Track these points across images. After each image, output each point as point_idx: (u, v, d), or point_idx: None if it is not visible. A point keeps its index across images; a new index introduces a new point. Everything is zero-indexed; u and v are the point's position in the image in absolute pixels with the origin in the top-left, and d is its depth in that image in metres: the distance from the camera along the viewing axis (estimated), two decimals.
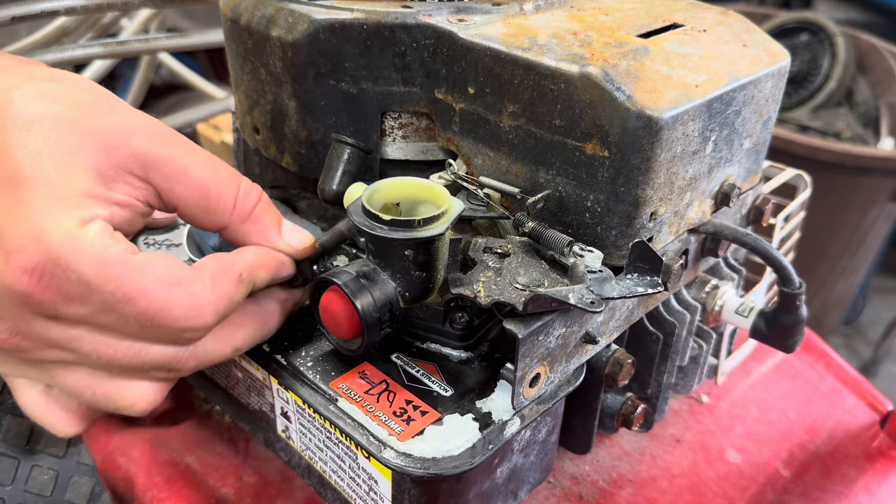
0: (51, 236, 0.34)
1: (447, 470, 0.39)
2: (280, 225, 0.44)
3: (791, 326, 0.53)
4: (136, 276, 0.35)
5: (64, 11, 0.76)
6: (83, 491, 0.54)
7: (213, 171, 0.40)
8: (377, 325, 0.41)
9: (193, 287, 0.37)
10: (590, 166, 0.43)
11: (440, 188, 0.44)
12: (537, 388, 0.43)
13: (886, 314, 2.21)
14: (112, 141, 0.37)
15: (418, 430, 0.41)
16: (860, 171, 1.66)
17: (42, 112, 0.36)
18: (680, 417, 0.65)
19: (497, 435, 0.41)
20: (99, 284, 0.35)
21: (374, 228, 0.40)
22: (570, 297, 0.38)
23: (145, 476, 0.57)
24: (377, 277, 0.42)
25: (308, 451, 0.48)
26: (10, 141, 0.35)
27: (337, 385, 0.44)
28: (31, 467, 0.52)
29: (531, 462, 0.48)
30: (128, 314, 0.36)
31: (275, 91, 0.53)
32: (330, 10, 0.49)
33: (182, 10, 1.63)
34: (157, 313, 0.36)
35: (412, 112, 0.52)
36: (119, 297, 0.35)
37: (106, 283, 0.35)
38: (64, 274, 0.34)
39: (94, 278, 0.34)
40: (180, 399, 0.65)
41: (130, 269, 0.35)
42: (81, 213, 0.35)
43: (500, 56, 0.45)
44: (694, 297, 0.57)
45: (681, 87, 0.43)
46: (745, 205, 0.57)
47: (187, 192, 0.39)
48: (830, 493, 0.61)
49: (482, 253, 0.44)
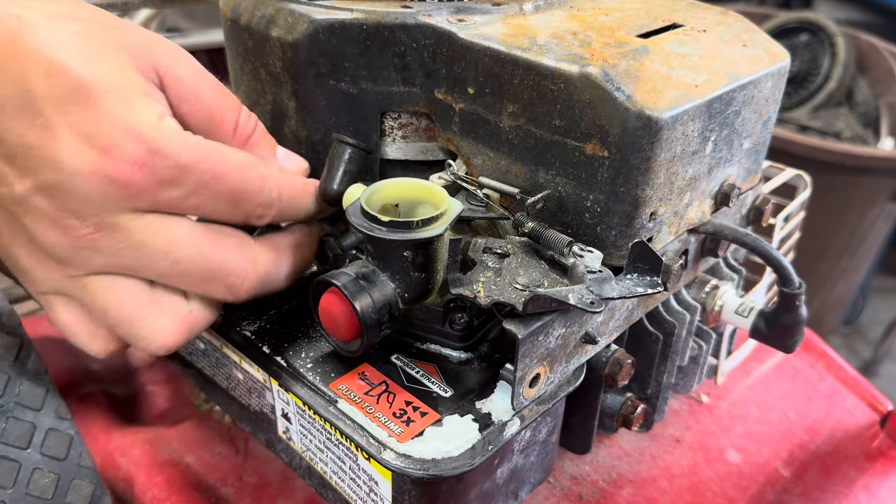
0: (142, 129, 0.37)
1: (447, 471, 0.39)
2: (275, 150, 0.47)
3: (791, 326, 0.53)
4: (222, 157, 0.40)
5: None
6: (84, 494, 0.54)
7: (218, 96, 0.43)
8: (376, 326, 0.41)
9: (263, 169, 0.42)
10: (589, 166, 0.43)
11: (439, 189, 0.44)
12: (537, 389, 0.43)
13: (886, 314, 2.21)
14: (136, 51, 0.39)
15: (418, 432, 0.41)
16: (860, 171, 1.67)
17: (63, 29, 0.37)
18: (680, 417, 0.65)
19: (497, 436, 0.41)
20: (193, 165, 0.38)
21: (372, 230, 0.40)
22: (570, 297, 0.38)
23: (145, 476, 0.57)
24: (376, 279, 0.42)
25: (309, 452, 0.48)
26: (55, 56, 0.36)
27: (337, 386, 0.44)
28: (33, 470, 0.51)
29: (532, 462, 0.47)
30: (218, 191, 0.40)
31: (275, 91, 0.53)
32: (330, 10, 0.49)
33: (182, 10, 1.62)
34: (241, 188, 0.41)
35: (412, 112, 0.52)
36: (211, 175, 0.39)
37: (199, 163, 0.38)
38: (163, 161, 0.37)
39: (189, 161, 0.38)
40: (180, 399, 0.65)
41: (216, 152, 0.40)
42: (155, 109, 0.38)
43: (499, 56, 0.45)
44: (694, 297, 0.57)
45: (681, 87, 0.43)
46: (744, 205, 0.57)
47: (193, 112, 0.42)
48: (830, 493, 0.61)
49: (482, 253, 0.44)
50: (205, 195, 0.40)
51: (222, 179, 0.40)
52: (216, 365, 0.54)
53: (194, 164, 0.38)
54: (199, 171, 0.39)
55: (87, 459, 0.54)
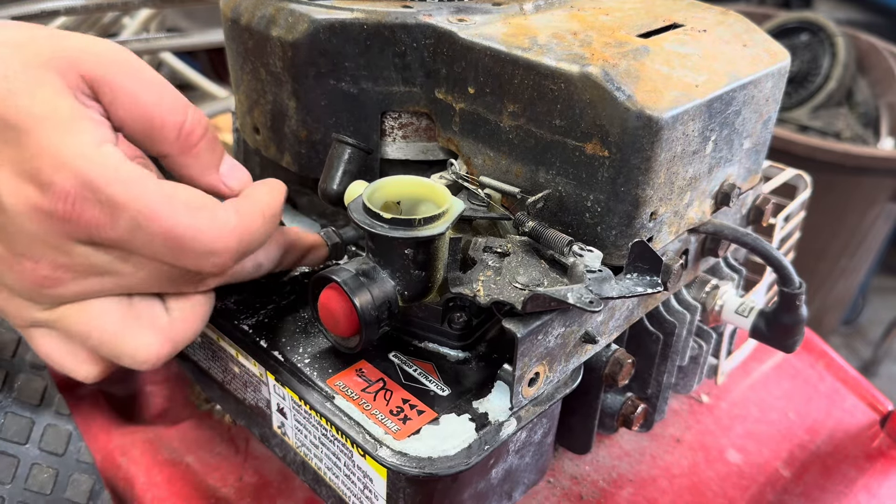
0: (75, 161, 0.34)
1: (442, 470, 0.39)
2: (220, 163, 0.43)
3: (791, 326, 0.53)
4: (161, 197, 0.36)
5: (64, 11, 0.76)
6: (83, 489, 0.54)
7: (157, 98, 0.39)
8: (375, 323, 0.41)
9: (218, 213, 0.38)
10: (590, 166, 0.43)
11: (441, 187, 0.44)
12: (536, 388, 0.43)
13: (886, 314, 2.21)
14: (62, 65, 0.37)
15: (414, 430, 0.41)
16: (860, 171, 1.66)
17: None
18: (680, 417, 0.65)
19: (493, 436, 0.41)
20: (125, 203, 0.35)
21: (374, 226, 0.40)
22: (570, 296, 0.38)
23: (145, 476, 0.57)
24: (376, 276, 0.42)
25: (303, 447, 0.48)
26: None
27: (334, 382, 0.44)
28: (31, 465, 0.52)
29: (526, 463, 0.47)
30: (154, 234, 0.36)
31: (275, 91, 0.53)
32: (330, 9, 0.49)
33: (182, 10, 1.63)
34: (182, 235, 0.36)
35: (412, 112, 0.52)
36: (146, 216, 0.35)
37: (132, 201, 0.35)
38: (94, 196, 0.35)
39: (121, 198, 0.35)
40: (180, 399, 0.65)
41: (155, 190, 0.36)
42: (91, 135, 0.35)
43: (500, 56, 0.45)
44: (694, 296, 0.57)
45: (681, 87, 0.43)
46: (745, 205, 0.57)
47: (131, 118, 0.39)
48: (830, 493, 0.61)
49: (482, 252, 0.44)
50: (141, 238, 0.36)
51: (158, 222, 0.36)
52: (212, 358, 0.54)
53: (127, 201, 0.35)
54: (133, 209, 0.35)
55: (86, 455, 0.54)
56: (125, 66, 0.38)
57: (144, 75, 0.39)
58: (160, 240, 0.36)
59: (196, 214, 0.37)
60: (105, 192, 0.35)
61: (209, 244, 0.37)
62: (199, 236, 0.37)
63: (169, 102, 0.39)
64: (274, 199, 0.43)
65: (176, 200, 0.36)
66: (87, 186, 0.34)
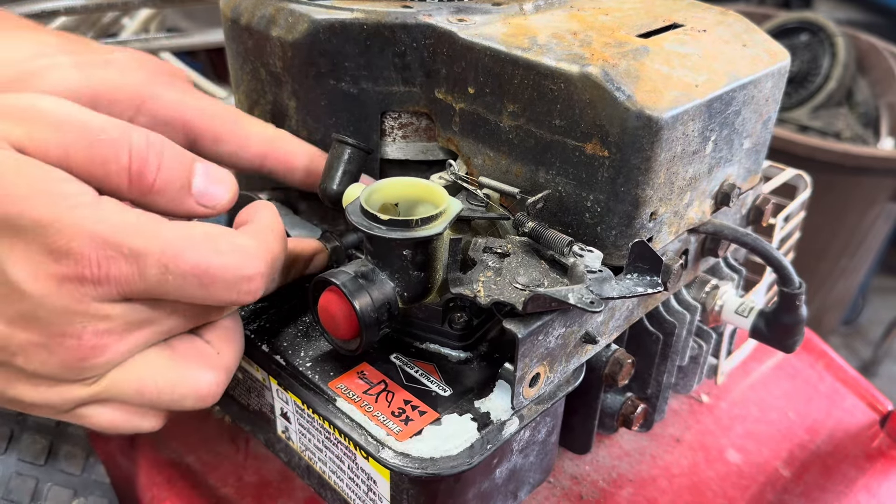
0: (84, 224, 0.33)
1: (445, 470, 0.39)
2: (190, 186, 0.38)
3: (791, 326, 0.53)
4: (179, 236, 0.35)
5: (64, 11, 0.76)
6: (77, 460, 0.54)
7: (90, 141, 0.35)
8: (375, 325, 0.41)
9: (238, 239, 0.37)
10: (590, 166, 0.43)
11: (438, 188, 0.44)
12: (537, 388, 0.43)
13: (886, 314, 2.21)
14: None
15: (417, 430, 0.41)
16: (860, 171, 1.66)
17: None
18: (680, 417, 0.65)
19: (496, 435, 0.41)
20: (147, 250, 0.34)
21: (371, 228, 0.40)
22: (570, 296, 0.38)
23: (146, 476, 0.57)
24: (375, 277, 0.42)
25: (307, 451, 0.48)
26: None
27: (336, 385, 0.44)
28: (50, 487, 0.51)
29: (531, 462, 0.47)
30: (184, 274, 0.34)
31: (275, 91, 0.53)
32: (330, 10, 0.49)
33: (182, 10, 1.63)
34: (209, 267, 0.35)
35: (412, 112, 0.52)
36: (170, 257, 0.34)
37: (153, 246, 0.34)
38: (116, 251, 0.33)
39: (142, 246, 0.34)
40: None
41: (171, 230, 0.35)
42: (80, 196, 0.33)
43: (499, 56, 0.45)
44: (694, 297, 0.57)
45: (681, 87, 0.43)
46: (745, 205, 0.57)
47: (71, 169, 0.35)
48: (830, 493, 0.61)
49: (482, 253, 0.44)
50: (171, 280, 0.35)
51: (184, 258, 0.34)
52: None
53: (147, 248, 0.34)
54: (156, 252, 0.34)
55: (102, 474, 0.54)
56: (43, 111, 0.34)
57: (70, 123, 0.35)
58: (190, 278, 0.35)
59: (217, 245, 0.36)
60: (125, 245, 0.33)
61: (239, 271, 0.36)
62: (228, 265, 0.36)
63: (101, 146, 0.35)
64: (273, 216, 0.41)
65: (193, 236, 0.35)
66: (107, 245, 0.33)
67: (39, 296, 0.33)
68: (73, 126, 0.35)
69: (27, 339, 0.34)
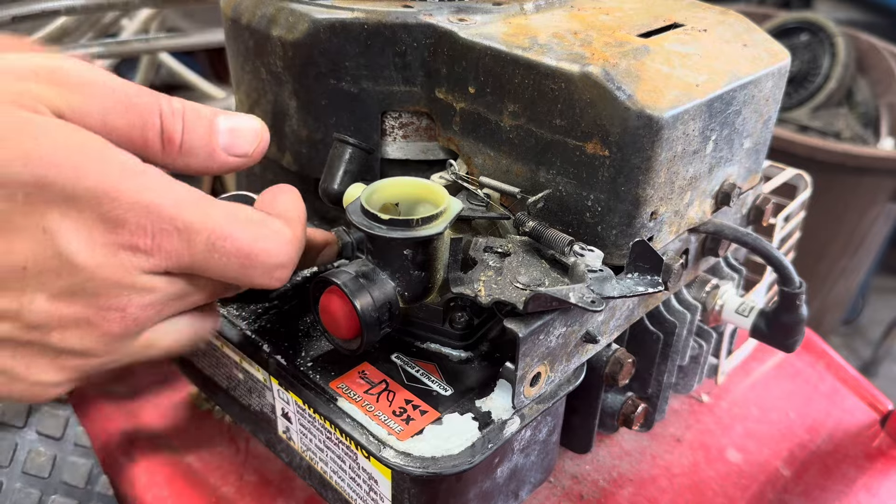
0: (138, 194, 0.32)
1: (446, 469, 0.39)
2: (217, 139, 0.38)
3: (791, 326, 0.53)
4: (227, 215, 0.35)
5: (64, 11, 0.76)
6: (81, 472, 0.54)
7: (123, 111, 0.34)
8: (376, 324, 0.41)
9: (274, 226, 0.37)
10: (590, 166, 0.43)
11: (439, 188, 0.44)
12: (538, 388, 0.43)
13: (886, 314, 2.21)
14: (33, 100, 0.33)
15: (418, 430, 0.41)
16: (860, 171, 1.66)
17: None
18: (680, 417, 0.65)
19: (497, 434, 0.41)
20: (200, 226, 0.34)
21: (372, 228, 0.40)
22: (571, 296, 0.38)
23: (146, 475, 0.57)
24: (376, 277, 0.42)
25: (309, 451, 0.48)
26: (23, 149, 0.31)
27: (337, 385, 0.44)
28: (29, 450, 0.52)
29: (532, 462, 0.47)
30: (229, 253, 0.35)
31: (275, 90, 0.53)
32: (331, 9, 0.49)
33: (182, 10, 1.63)
34: (252, 250, 0.36)
35: (413, 112, 0.52)
36: (219, 236, 0.35)
37: (205, 223, 0.34)
38: (171, 224, 0.33)
39: (195, 221, 0.34)
40: (180, 398, 0.65)
41: (220, 208, 0.35)
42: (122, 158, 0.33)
43: (500, 56, 0.45)
44: (694, 296, 0.57)
45: (681, 87, 0.43)
46: (745, 204, 0.57)
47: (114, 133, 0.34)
48: (831, 493, 0.61)
49: (483, 252, 0.44)
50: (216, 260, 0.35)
51: (231, 239, 0.35)
52: (216, 365, 0.54)
53: (199, 224, 0.34)
54: (207, 231, 0.34)
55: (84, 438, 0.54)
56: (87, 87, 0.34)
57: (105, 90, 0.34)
58: (234, 258, 0.35)
59: (260, 230, 0.36)
60: (180, 219, 0.34)
61: (277, 258, 0.37)
62: (268, 250, 0.36)
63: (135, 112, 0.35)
64: (298, 202, 0.41)
65: (239, 219, 0.36)
66: (161, 217, 0.33)
67: (93, 266, 0.33)
68: (108, 90, 0.34)
69: (70, 314, 0.33)
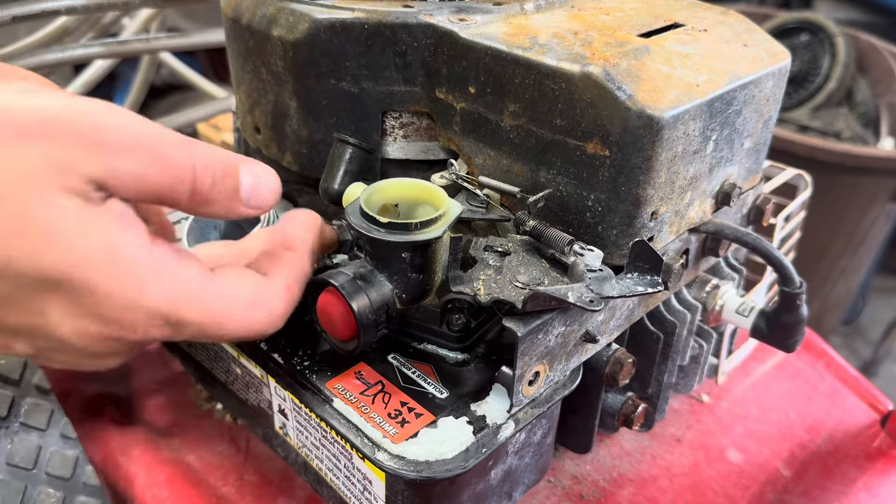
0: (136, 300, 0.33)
1: (440, 473, 0.39)
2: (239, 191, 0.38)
3: (791, 326, 0.53)
4: (223, 304, 0.36)
5: (65, 11, 0.76)
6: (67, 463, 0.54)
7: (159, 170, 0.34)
8: (373, 326, 0.41)
9: (272, 304, 0.38)
10: (591, 165, 0.43)
11: (438, 190, 0.43)
12: (536, 387, 0.43)
13: (886, 314, 2.21)
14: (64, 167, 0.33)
15: (412, 433, 0.41)
16: (860, 171, 1.66)
17: None
18: (680, 417, 0.65)
19: (491, 438, 0.41)
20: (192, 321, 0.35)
21: (371, 231, 0.40)
22: (570, 295, 0.38)
23: (146, 475, 0.57)
24: (374, 279, 0.42)
25: (305, 448, 0.48)
26: None
27: (333, 385, 0.44)
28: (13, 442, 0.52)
29: (526, 464, 0.47)
30: (218, 337, 0.37)
31: (276, 90, 0.53)
32: (331, 9, 0.49)
33: (182, 10, 1.62)
34: (240, 333, 0.37)
35: (413, 111, 0.52)
36: (209, 326, 0.35)
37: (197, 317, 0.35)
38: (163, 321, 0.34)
39: (188, 317, 0.34)
40: (180, 398, 0.65)
41: (216, 295, 0.36)
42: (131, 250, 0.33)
43: (501, 55, 0.45)
44: (694, 296, 0.57)
45: (682, 87, 0.43)
46: (745, 204, 0.57)
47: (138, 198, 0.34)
48: (831, 493, 0.61)
49: (483, 251, 0.44)
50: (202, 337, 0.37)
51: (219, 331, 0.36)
52: (214, 358, 0.54)
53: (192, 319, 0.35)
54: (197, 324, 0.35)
55: (93, 478, 0.54)
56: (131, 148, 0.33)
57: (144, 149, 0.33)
58: (226, 338, 0.37)
59: (255, 313, 0.37)
60: (174, 317, 0.34)
61: (267, 331, 0.38)
62: (260, 331, 0.38)
63: (171, 171, 0.34)
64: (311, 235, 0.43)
65: (237, 307, 0.36)
66: (157, 315, 0.34)
67: (80, 346, 0.34)
68: (144, 149, 0.34)
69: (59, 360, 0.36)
